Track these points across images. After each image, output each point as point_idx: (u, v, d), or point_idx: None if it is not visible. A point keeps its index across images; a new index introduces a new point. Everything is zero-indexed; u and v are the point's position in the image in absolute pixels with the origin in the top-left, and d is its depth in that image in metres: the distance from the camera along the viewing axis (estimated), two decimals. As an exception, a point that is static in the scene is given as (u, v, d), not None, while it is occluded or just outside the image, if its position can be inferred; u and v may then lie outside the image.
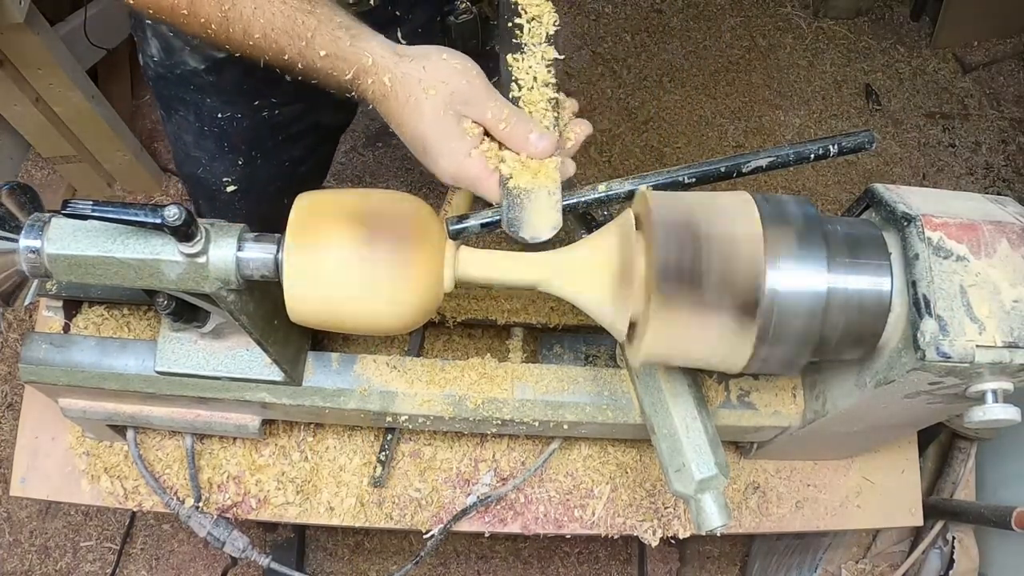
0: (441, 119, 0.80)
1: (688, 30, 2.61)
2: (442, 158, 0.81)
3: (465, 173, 0.82)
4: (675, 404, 0.93)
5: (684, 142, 2.45)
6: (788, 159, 0.87)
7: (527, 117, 0.82)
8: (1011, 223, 0.78)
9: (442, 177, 0.83)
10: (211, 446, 1.15)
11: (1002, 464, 1.55)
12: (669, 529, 1.15)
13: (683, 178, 0.86)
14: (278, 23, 0.81)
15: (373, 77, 0.81)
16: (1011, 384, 0.76)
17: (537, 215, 0.80)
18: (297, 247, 0.75)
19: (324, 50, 0.81)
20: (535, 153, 0.81)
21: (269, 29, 0.81)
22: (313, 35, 0.81)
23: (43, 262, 0.76)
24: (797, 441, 1.06)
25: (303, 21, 0.81)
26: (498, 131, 0.81)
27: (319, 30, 0.81)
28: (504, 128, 0.81)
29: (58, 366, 0.98)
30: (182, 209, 0.70)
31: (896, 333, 0.79)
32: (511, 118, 0.81)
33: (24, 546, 1.98)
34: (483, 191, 0.82)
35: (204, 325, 0.92)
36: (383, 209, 0.78)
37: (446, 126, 0.80)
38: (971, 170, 2.51)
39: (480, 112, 0.81)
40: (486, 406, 0.99)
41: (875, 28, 2.68)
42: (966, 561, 1.48)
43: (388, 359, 1.00)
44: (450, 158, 0.81)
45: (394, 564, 2.00)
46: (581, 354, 1.12)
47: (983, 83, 2.62)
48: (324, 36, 0.81)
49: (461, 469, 1.15)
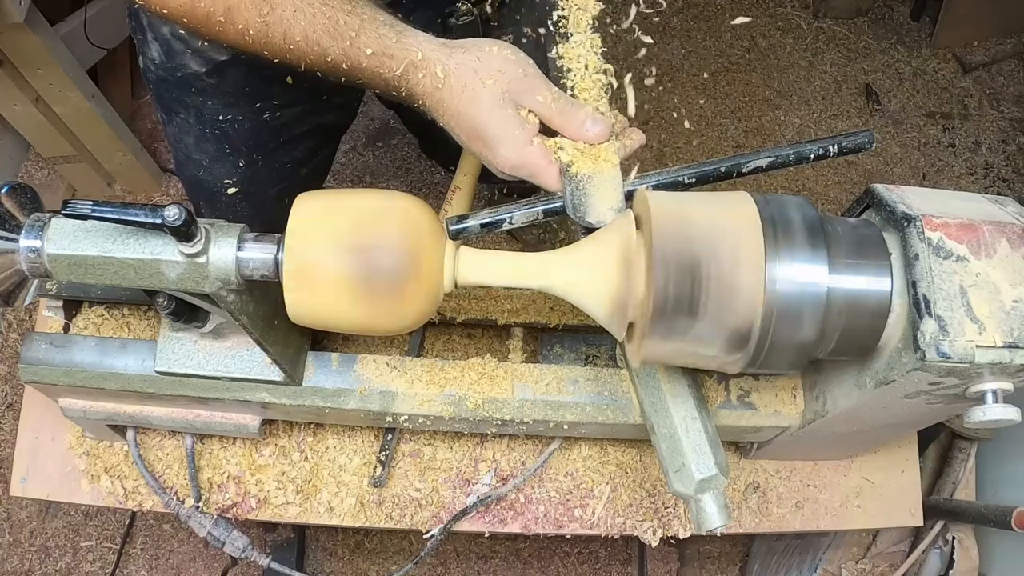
0: (501, 107, 0.79)
1: (688, 30, 2.61)
2: (502, 146, 0.80)
3: (526, 161, 0.81)
4: (675, 404, 0.93)
5: (684, 142, 2.45)
6: (788, 159, 0.87)
7: (581, 104, 0.81)
8: (1011, 223, 0.78)
9: (501, 167, 0.82)
10: (211, 446, 1.15)
11: (1002, 464, 1.55)
12: (669, 529, 1.15)
13: (683, 178, 0.86)
14: (320, 24, 0.80)
15: (424, 71, 0.80)
16: (1011, 384, 0.76)
17: (601, 199, 0.82)
18: (297, 248, 0.75)
19: (370, 48, 0.80)
20: (591, 138, 0.80)
21: (311, 31, 0.80)
22: (357, 34, 0.80)
23: (43, 262, 0.76)
24: (797, 441, 1.06)
25: (345, 21, 0.80)
26: (554, 120, 0.81)
27: (363, 29, 0.80)
28: (560, 116, 0.80)
29: (58, 366, 0.98)
30: (182, 209, 0.70)
31: (896, 333, 0.79)
32: (565, 106, 0.80)
33: (24, 546, 1.98)
34: (544, 180, 0.82)
35: (204, 325, 0.92)
36: (383, 209, 0.78)
37: (506, 114, 0.79)
38: (971, 170, 2.51)
39: (536, 101, 0.80)
40: (486, 406, 0.99)
41: (875, 28, 2.68)
42: (966, 561, 1.48)
43: (388, 359, 1.00)
44: (511, 146, 0.80)
45: (394, 564, 2.00)
46: (581, 354, 1.12)
47: (983, 83, 2.62)
48: (369, 34, 0.80)
49: (461, 469, 1.15)
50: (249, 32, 0.81)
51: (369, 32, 0.80)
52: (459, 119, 0.81)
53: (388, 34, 0.80)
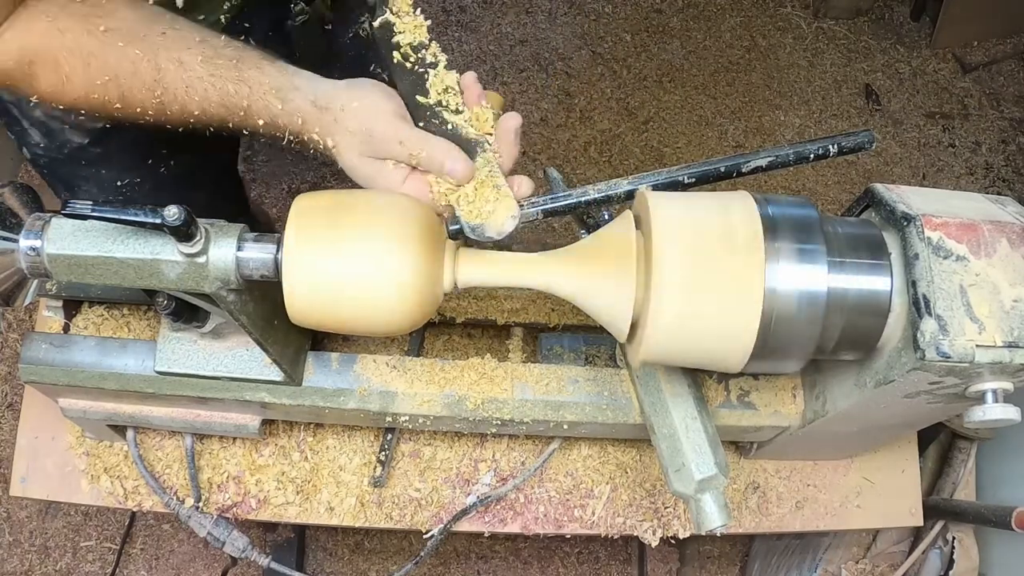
0: (364, 164, 0.83)
1: (688, 30, 2.61)
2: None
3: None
4: (675, 404, 0.93)
5: (684, 142, 2.45)
6: (788, 159, 0.87)
7: (438, 146, 0.83)
8: (1011, 223, 0.78)
9: None
10: (211, 446, 1.15)
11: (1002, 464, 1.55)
12: (669, 529, 1.15)
13: (683, 178, 0.86)
14: (212, 98, 0.83)
15: (307, 135, 0.84)
16: (1011, 384, 0.76)
17: (493, 215, 0.82)
18: (296, 249, 0.75)
19: (261, 119, 0.83)
20: (455, 179, 0.82)
21: (206, 105, 0.83)
22: (249, 105, 0.83)
23: (43, 262, 0.76)
24: (797, 441, 1.06)
25: (235, 91, 0.82)
26: (418, 165, 0.83)
27: (252, 98, 0.83)
28: (419, 163, 0.83)
29: (58, 366, 0.98)
30: (182, 209, 0.70)
31: (896, 333, 0.79)
32: (422, 152, 0.82)
33: (24, 546, 1.98)
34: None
35: (204, 325, 0.92)
36: (383, 210, 0.78)
37: (370, 169, 0.83)
38: (971, 170, 2.51)
39: (393, 151, 0.82)
40: (486, 406, 0.99)
41: (875, 28, 2.68)
42: (966, 561, 1.48)
43: (388, 359, 1.00)
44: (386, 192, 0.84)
45: (394, 564, 2.00)
46: (581, 354, 1.12)
47: (983, 83, 2.62)
48: (258, 104, 0.83)
49: (461, 469, 1.15)
50: (148, 113, 0.84)
51: (257, 101, 0.83)
52: (346, 171, 0.86)
53: (274, 103, 0.83)
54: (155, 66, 0.81)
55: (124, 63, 0.81)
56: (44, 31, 0.80)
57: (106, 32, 0.81)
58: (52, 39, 0.80)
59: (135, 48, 0.81)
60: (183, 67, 0.82)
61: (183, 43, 0.82)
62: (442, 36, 2.51)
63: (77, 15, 0.81)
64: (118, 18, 0.82)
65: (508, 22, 2.56)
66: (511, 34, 2.54)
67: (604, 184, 0.86)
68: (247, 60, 0.83)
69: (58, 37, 0.80)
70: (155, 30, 0.82)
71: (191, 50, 0.82)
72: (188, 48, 0.82)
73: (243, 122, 0.84)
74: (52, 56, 0.81)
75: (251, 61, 0.83)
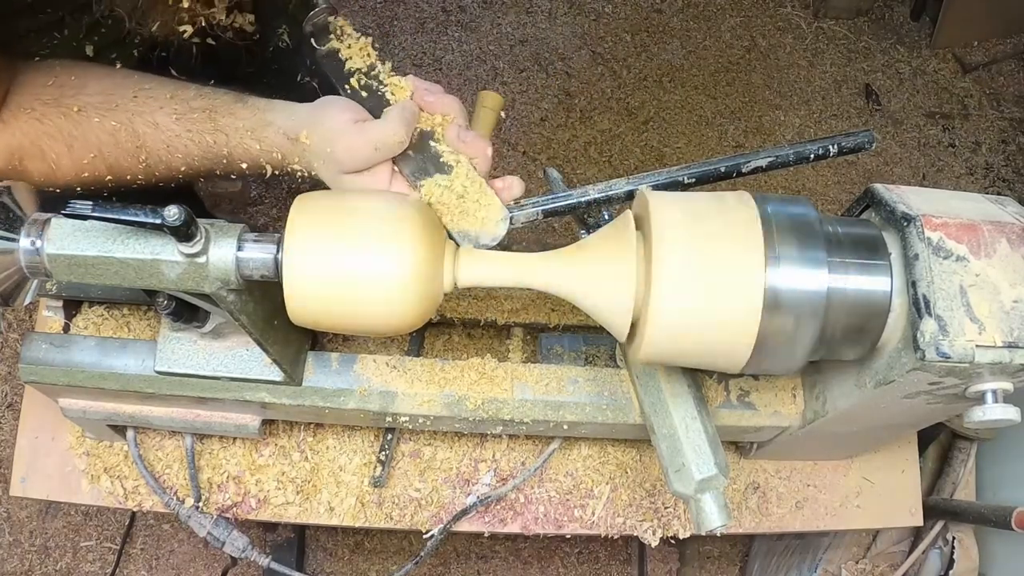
0: (348, 180, 0.84)
1: (688, 30, 2.61)
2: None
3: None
4: (675, 404, 0.93)
5: (684, 142, 2.45)
6: (788, 159, 0.87)
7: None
8: (1011, 223, 0.78)
9: None
10: (211, 446, 1.15)
11: (1002, 464, 1.55)
12: (669, 529, 1.15)
13: (683, 178, 0.86)
14: (194, 152, 0.84)
15: (288, 167, 0.85)
16: (1011, 384, 0.76)
17: (483, 222, 0.84)
18: (296, 249, 0.75)
19: (244, 162, 0.85)
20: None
21: (190, 159, 0.84)
22: (229, 152, 0.84)
23: (43, 262, 0.76)
24: (797, 441, 1.06)
25: (214, 141, 0.83)
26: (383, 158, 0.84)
27: (230, 146, 0.84)
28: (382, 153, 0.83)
29: (58, 366, 0.98)
30: (182, 209, 0.70)
31: (896, 333, 0.79)
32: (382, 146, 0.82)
33: (24, 546, 1.98)
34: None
35: (204, 325, 0.92)
36: (383, 210, 0.78)
37: (352, 184, 0.84)
38: (971, 170, 2.51)
39: (371, 158, 0.82)
40: (486, 406, 0.99)
41: (875, 28, 2.68)
42: (966, 561, 1.48)
43: (388, 359, 1.00)
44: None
45: (394, 564, 1.99)
46: (581, 354, 1.12)
47: (983, 83, 2.62)
48: (237, 150, 0.84)
49: (461, 469, 1.15)
50: (139, 178, 0.86)
51: (236, 149, 0.84)
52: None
53: (252, 144, 0.84)
54: (133, 133, 0.83)
55: (104, 136, 0.83)
56: (25, 125, 0.82)
57: (80, 111, 0.82)
58: (33, 130, 0.82)
59: (111, 120, 0.82)
60: (159, 129, 0.83)
61: (155, 104, 0.84)
62: (442, 36, 2.51)
63: (51, 100, 0.82)
64: (88, 92, 0.83)
65: (508, 22, 2.56)
66: (511, 34, 2.54)
67: (604, 184, 0.87)
68: (220, 108, 0.84)
69: (38, 127, 0.82)
70: (126, 96, 0.84)
71: (163, 109, 0.83)
72: (160, 108, 0.83)
73: (228, 168, 0.85)
74: (37, 147, 0.82)
75: (224, 108, 0.84)
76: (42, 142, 0.82)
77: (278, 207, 2.27)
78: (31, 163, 0.83)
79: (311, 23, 0.90)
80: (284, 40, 1.21)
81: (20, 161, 0.83)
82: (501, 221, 0.84)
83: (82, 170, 0.84)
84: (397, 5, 2.53)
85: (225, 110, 0.84)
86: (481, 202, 0.84)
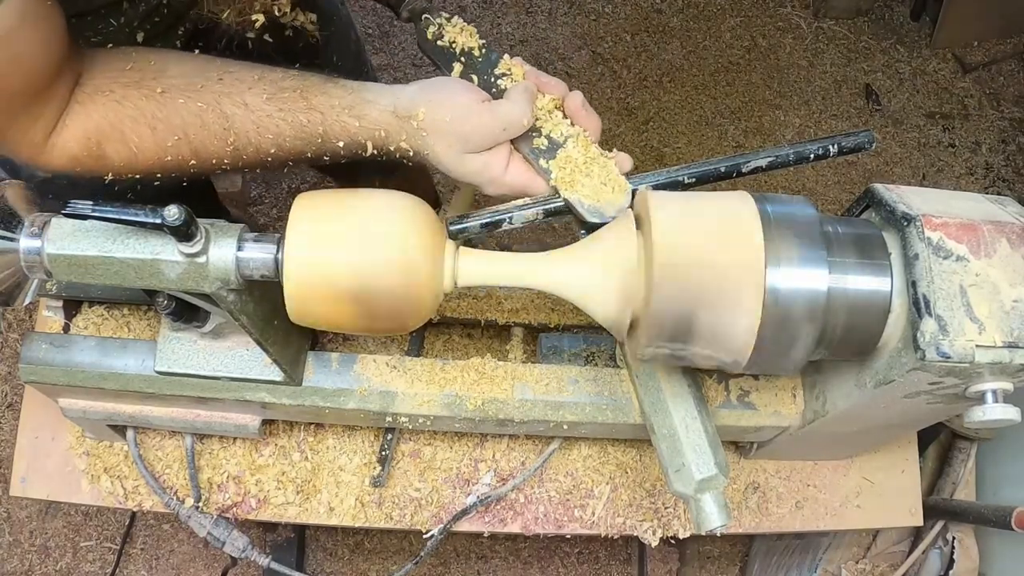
0: (467, 161, 0.82)
1: (688, 30, 2.61)
2: (483, 188, 0.85)
3: (511, 189, 0.85)
4: (675, 404, 0.93)
5: (684, 142, 2.45)
6: (788, 159, 0.87)
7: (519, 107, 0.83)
8: (1011, 223, 0.78)
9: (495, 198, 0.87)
10: (211, 446, 1.15)
11: (1002, 464, 1.55)
12: (669, 529, 1.15)
13: (683, 178, 0.86)
14: (286, 132, 0.81)
15: (393, 145, 0.82)
16: (1011, 384, 0.76)
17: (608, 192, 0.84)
18: (296, 249, 0.75)
19: (341, 141, 0.82)
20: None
21: (281, 140, 0.81)
22: (324, 131, 0.81)
23: (43, 262, 0.76)
24: (797, 441, 1.06)
25: (308, 120, 0.81)
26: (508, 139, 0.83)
27: (326, 124, 0.81)
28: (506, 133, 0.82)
29: (58, 366, 0.98)
30: (182, 209, 0.70)
31: (896, 333, 0.79)
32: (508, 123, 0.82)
33: (24, 546, 1.98)
34: (534, 191, 0.86)
35: (204, 325, 0.92)
36: (383, 209, 0.78)
37: (475, 164, 0.82)
38: (971, 170, 2.51)
39: (497, 137, 0.82)
40: (486, 406, 0.99)
41: (875, 28, 2.68)
42: (966, 561, 1.48)
43: (388, 359, 1.00)
44: (489, 186, 0.84)
45: (394, 564, 1.99)
46: (581, 354, 1.12)
47: (983, 83, 2.62)
48: (334, 128, 0.81)
49: (461, 469, 1.15)
50: (224, 162, 0.83)
51: (333, 125, 0.81)
52: (444, 173, 0.85)
53: (350, 122, 0.81)
54: (221, 114, 0.80)
55: (190, 118, 0.80)
56: (104, 108, 0.79)
57: (164, 92, 0.79)
58: (113, 112, 0.79)
59: (197, 101, 0.80)
60: (249, 109, 0.80)
61: (243, 85, 0.81)
62: (442, 36, 2.51)
63: (131, 83, 0.80)
64: (170, 75, 0.81)
65: (508, 22, 2.55)
66: (511, 34, 2.54)
67: (605, 184, 0.86)
68: (311, 87, 0.82)
69: (119, 109, 0.79)
70: (211, 78, 0.81)
71: (252, 90, 0.81)
72: (249, 88, 0.81)
73: (322, 148, 0.82)
74: (118, 130, 0.80)
75: (316, 87, 0.82)
76: (123, 125, 0.79)
77: (278, 207, 2.27)
78: (111, 147, 0.80)
79: (407, 9, 0.90)
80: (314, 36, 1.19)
81: (98, 145, 0.80)
82: (624, 192, 0.84)
83: (165, 154, 0.81)
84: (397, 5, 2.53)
85: (318, 89, 0.82)
86: (606, 171, 0.84)
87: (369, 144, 0.82)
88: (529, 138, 0.85)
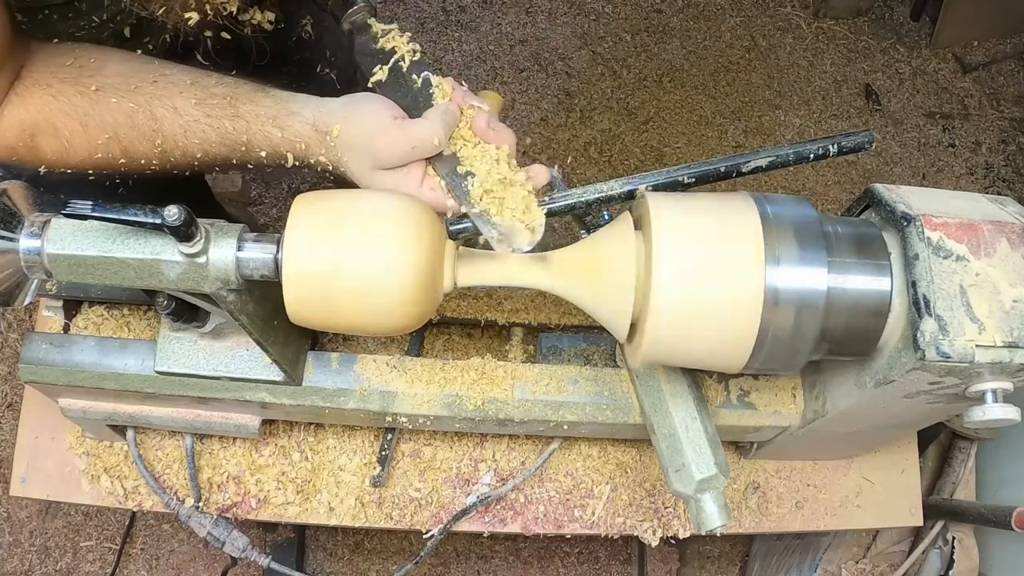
0: (380, 177, 0.83)
1: (688, 30, 2.60)
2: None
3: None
4: (675, 404, 0.93)
5: (684, 142, 2.45)
6: (788, 159, 0.87)
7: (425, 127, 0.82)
8: (1011, 223, 0.78)
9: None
10: (211, 446, 1.15)
11: (1002, 464, 1.55)
12: (669, 529, 1.15)
13: (683, 178, 0.86)
14: (212, 138, 0.83)
15: (312, 158, 0.84)
16: (1011, 384, 0.76)
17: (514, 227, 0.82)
18: (296, 249, 0.75)
19: (263, 151, 0.83)
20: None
21: (207, 146, 0.83)
22: (248, 139, 0.83)
23: (43, 262, 0.76)
24: (797, 441, 1.06)
25: (233, 127, 0.82)
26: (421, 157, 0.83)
27: (250, 132, 0.83)
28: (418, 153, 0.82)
29: (58, 366, 0.98)
30: (182, 209, 0.70)
31: (896, 333, 0.79)
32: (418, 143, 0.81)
33: (24, 546, 1.98)
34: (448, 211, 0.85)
35: (204, 325, 0.92)
36: (383, 210, 0.78)
37: (388, 181, 0.83)
38: (971, 170, 2.51)
39: (406, 155, 0.82)
40: (486, 406, 0.99)
41: (875, 28, 2.68)
42: (966, 561, 1.48)
43: (388, 359, 1.00)
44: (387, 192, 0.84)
45: (394, 564, 1.99)
46: (581, 354, 1.12)
47: (983, 83, 2.62)
48: (257, 137, 0.83)
49: (461, 469, 1.15)
50: (152, 163, 0.84)
51: (257, 136, 0.83)
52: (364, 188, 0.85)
53: (273, 132, 0.83)
54: (151, 116, 0.82)
55: (120, 118, 0.82)
56: (40, 101, 0.81)
57: (98, 90, 0.81)
58: (48, 106, 0.81)
59: (129, 101, 0.82)
60: (178, 113, 0.82)
61: (175, 88, 0.83)
62: (442, 36, 2.51)
63: (68, 79, 0.82)
64: (107, 73, 0.82)
65: (508, 22, 2.55)
66: (511, 34, 2.54)
67: (604, 184, 0.86)
68: (241, 96, 0.83)
69: (53, 104, 0.81)
70: (146, 80, 0.83)
71: (184, 94, 0.82)
72: (180, 93, 0.83)
73: (245, 157, 0.84)
74: (51, 124, 0.81)
75: (245, 96, 0.83)
76: (56, 119, 0.81)
77: (278, 207, 2.27)
78: (44, 140, 0.82)
79: (349, 21, 0.90)
80: (307, 31, 1.20)
81: (32, 137, 0.82)
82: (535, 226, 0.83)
83: (95, 151, 0.83)
84: (397, 5, 2.53)
85: (247, 98, 0.83)
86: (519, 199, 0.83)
87: (290, 156, 0.84)
88: (448, 161, 0.85)
